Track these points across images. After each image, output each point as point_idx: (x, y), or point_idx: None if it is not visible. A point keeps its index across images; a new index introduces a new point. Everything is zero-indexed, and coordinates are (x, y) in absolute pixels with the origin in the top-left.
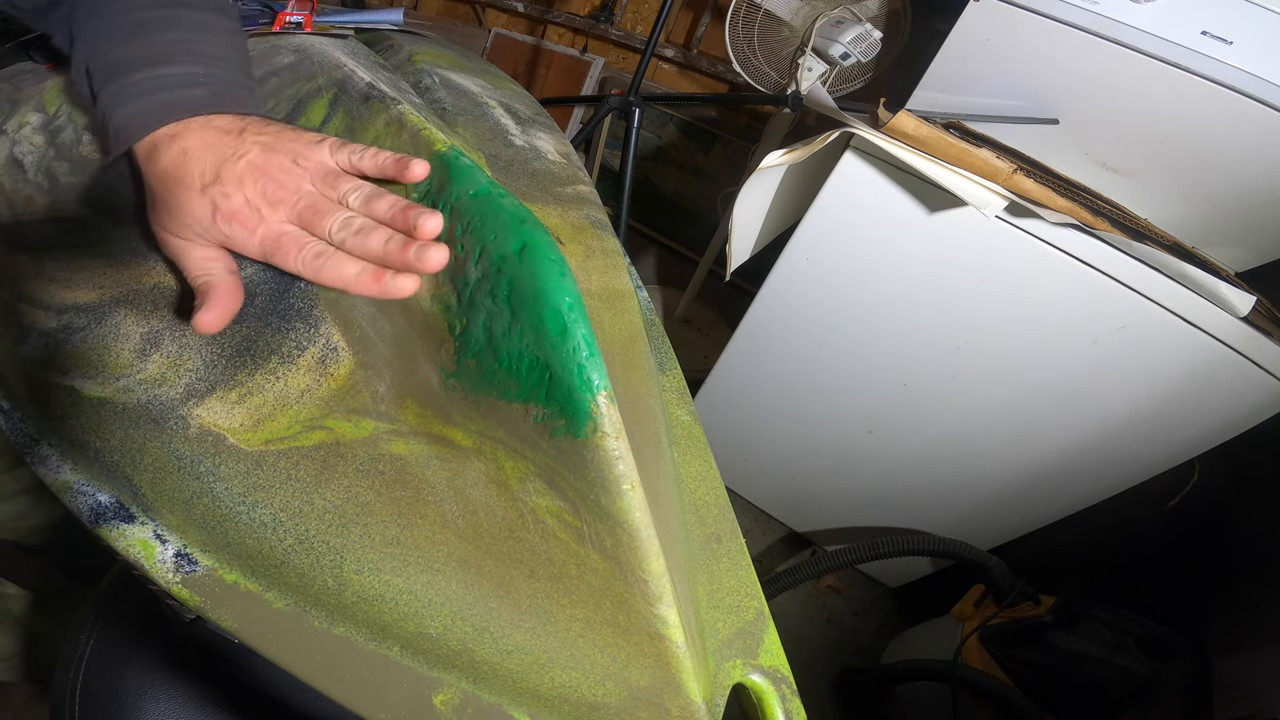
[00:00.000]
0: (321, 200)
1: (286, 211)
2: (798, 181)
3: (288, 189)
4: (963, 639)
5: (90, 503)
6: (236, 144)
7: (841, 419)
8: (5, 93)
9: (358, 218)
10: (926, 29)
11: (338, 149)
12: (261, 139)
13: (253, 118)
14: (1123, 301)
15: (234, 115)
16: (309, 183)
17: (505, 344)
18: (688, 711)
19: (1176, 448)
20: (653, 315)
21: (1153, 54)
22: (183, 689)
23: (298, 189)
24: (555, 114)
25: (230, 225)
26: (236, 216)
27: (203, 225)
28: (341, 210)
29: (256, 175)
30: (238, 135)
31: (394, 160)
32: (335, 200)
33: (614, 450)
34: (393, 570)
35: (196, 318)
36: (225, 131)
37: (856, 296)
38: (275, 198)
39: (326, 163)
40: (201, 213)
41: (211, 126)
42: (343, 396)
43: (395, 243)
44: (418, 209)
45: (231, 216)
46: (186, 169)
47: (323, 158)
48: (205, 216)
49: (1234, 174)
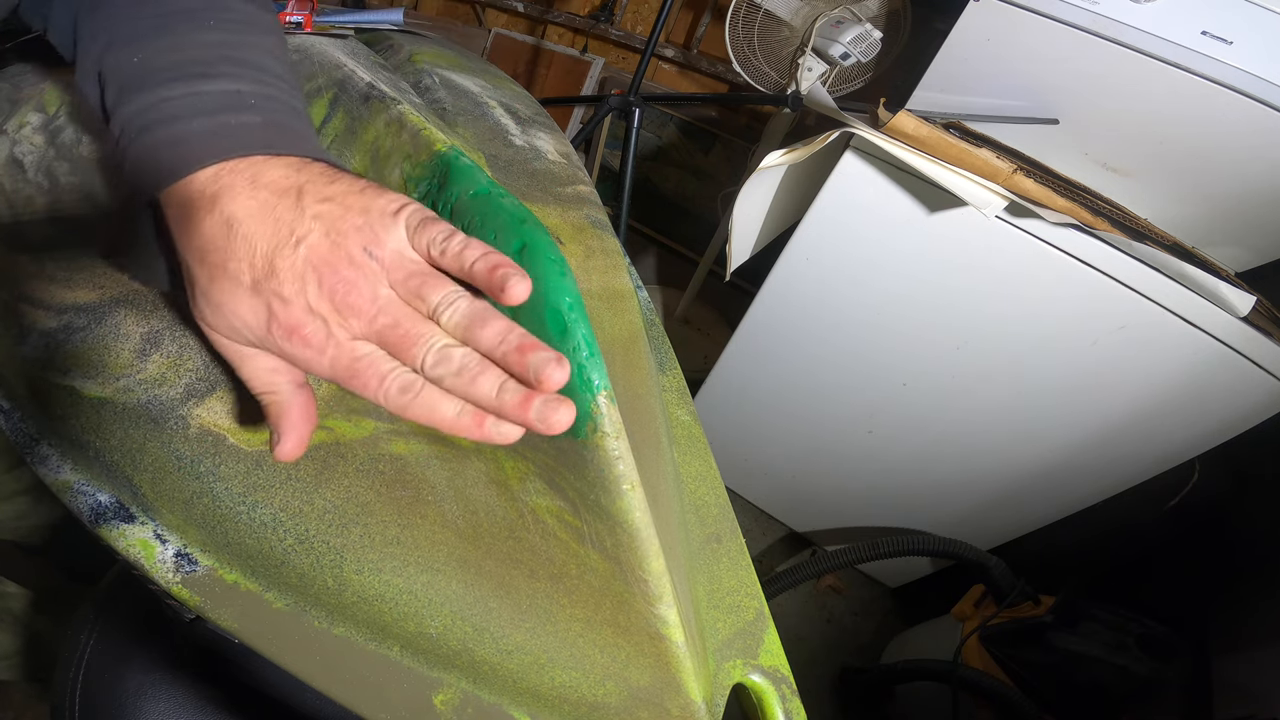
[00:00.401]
0: (408, 317)
1: (362, 325)
2: (798, 181)
3: (363, 295)
4: (963, 639)
5: (90, 503)
6: (294, 217)
7: (841, 419)
8: (5, 93)
9: (456, 349)
10: (926, 29)
11: (417, 228)
12: (325, 209)
13: (315, 166)
14: (1123, 301)
15: (290, 162)
16: (386, 283)
17: None
18: (688, 711)
19: (1176, 448)
20: (653, 315)
21: (1153, 54)
22: (183, 689)
23: (375, 296)
24: (555, 114)
25: (291, 342)
26: (298, 331)
27: (257, 335)
28: (434, 332)
29: (321, 272)
30: (295, 200)
31: (488, 267)
32: (425, 314)
33: (614, 450)
34: (393, 570)
35: (277, 450)
36: (280, 193)
37: (856, 296)
38: (347, 306)
39: (406, 253)
40: (255, 320)
41: (262, 184)
42: (343, 396)
43: (511, 396)
44: (536, 347)
45: (292, 330)
46: (232, 252)
47: (400, 246)
48: (259, 325)
49: (1234, 174)
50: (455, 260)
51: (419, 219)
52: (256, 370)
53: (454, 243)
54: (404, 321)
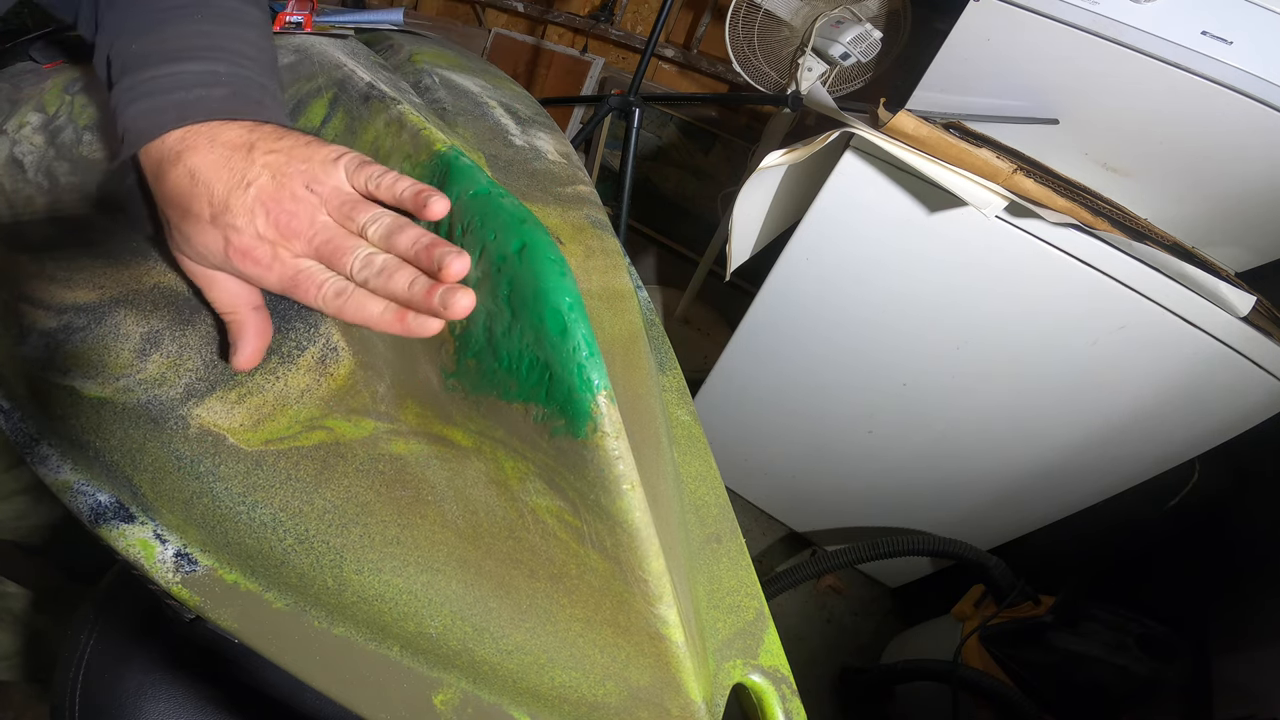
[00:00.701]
0: (339, 234)
1: (302, 245)
2: (798, 181)
3: (302, 220)
4: (963, 639)
5: (90, 503)
6: (245, 165)
7: (842, 419)
8: (5, 93)
9: (379, 255)
10: (926, 29)
11: (355, 169)
12: (272, 159)
13: (265, 127)
14: (1123, 301)
15: (245, 125)
16: (324, 212)
17: (505, 344)
18: (688, 711)
19: (1176, 448)
20: (653, 315)
21: (1153, 54)
22: (183, 689)
23: (312, 220)
24: (555, 114)
25: (244, 262)
26: (249, 253)
27: (217, 258)
28: (362, 245)
29: (268, 206)
30: (246, 153)
31: (413, 193)
32: (355, 232)
33: (614, 450)
34: (393, 570)
35: (233, 359)
36: (234, 148)
37: (857, 296)
38: (289, 230)
39: (342, 188)
40: (215, 246)
41: (219, 141)
42: (343, 396)
43: (419, 286)
44: (443, 246)
45: (244, 253)
46: (194, 195)
47: (338, 182)
48: (218, 250)
49: (1234, 174)
50: (388, 192)
51: (357, 163)
52: (222, 293)
53: (387, 178)
54: (336, 237)
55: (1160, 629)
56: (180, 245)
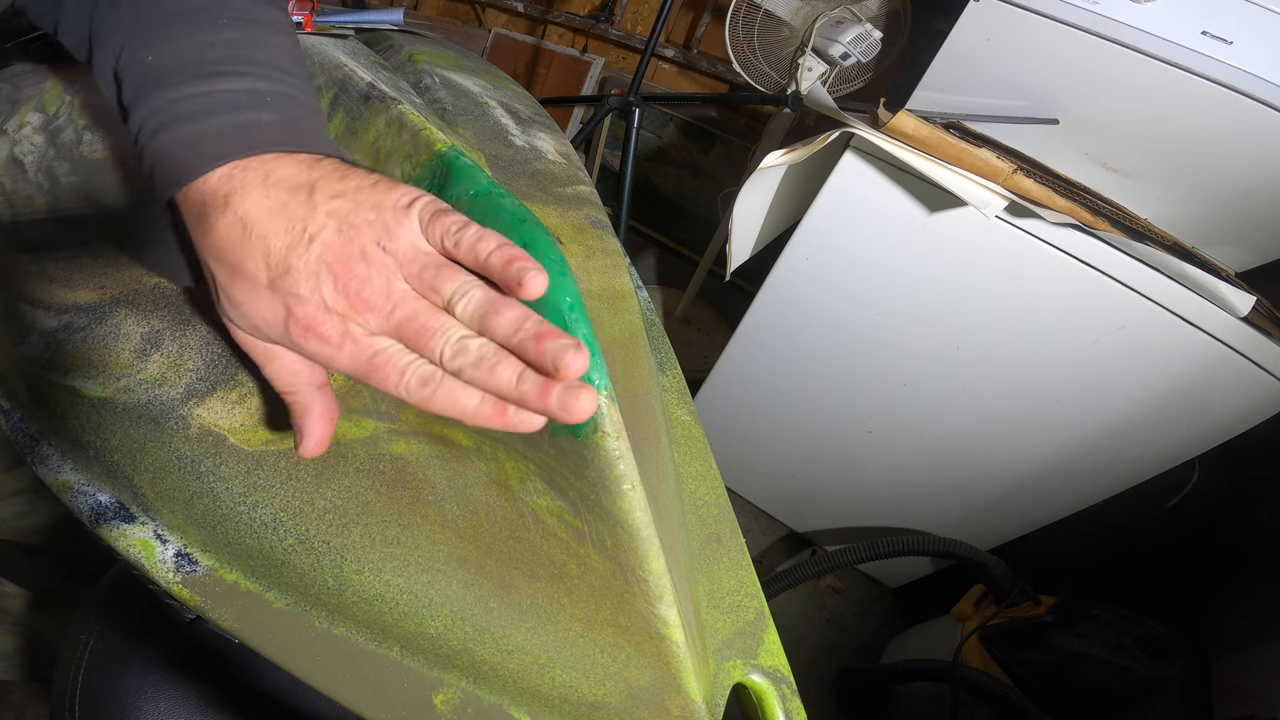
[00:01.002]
0: (423, 310)
1: (378, 320)
2: (798, 181)
3: (377, 289)
4: (963, 639)
5: (90, 502)
6: (307, 214)
7: (841, 419)
8: (5, 93)
9: (473, 340)
10: (926, 29)
11: (430, 220)
12: (338, 205)
13: (326, 163)
14: (1123, 301)
15: (302, 160)
16: (401, 277)
17: None
18: (688, 711)
19: (1176, 448)
20: (653, 315)
21: (1153, 54)
22: (183, 689)
23: (389, 291)
24: (555, 114)
25: (309, 339)
26: (316, 329)
27: (276, 331)
28: (451, 325)
29: (335, 269)
30: (308, 196)
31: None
32: (439, 305)
33: (614, 450)
34: (393, 570)
35: (301, 448)
36: (292, 190)
37: (856, 296)
38: (362, 302)
39: (420, 246)
40: (274, 316)
41: (274, 181)
42: (343, 396)
43: (531, 385)
44: (554, 334)
45: (309, 328)
46: (248, 252)
47: (413, 238)
48: (277, 322)
49: (1234, 174)
50: (469, 253)
51: (431, 211)
52: (281, 370)
53: (468, 234)
54: (420, 315)
55: (1160, 629)
56: (230, 313)
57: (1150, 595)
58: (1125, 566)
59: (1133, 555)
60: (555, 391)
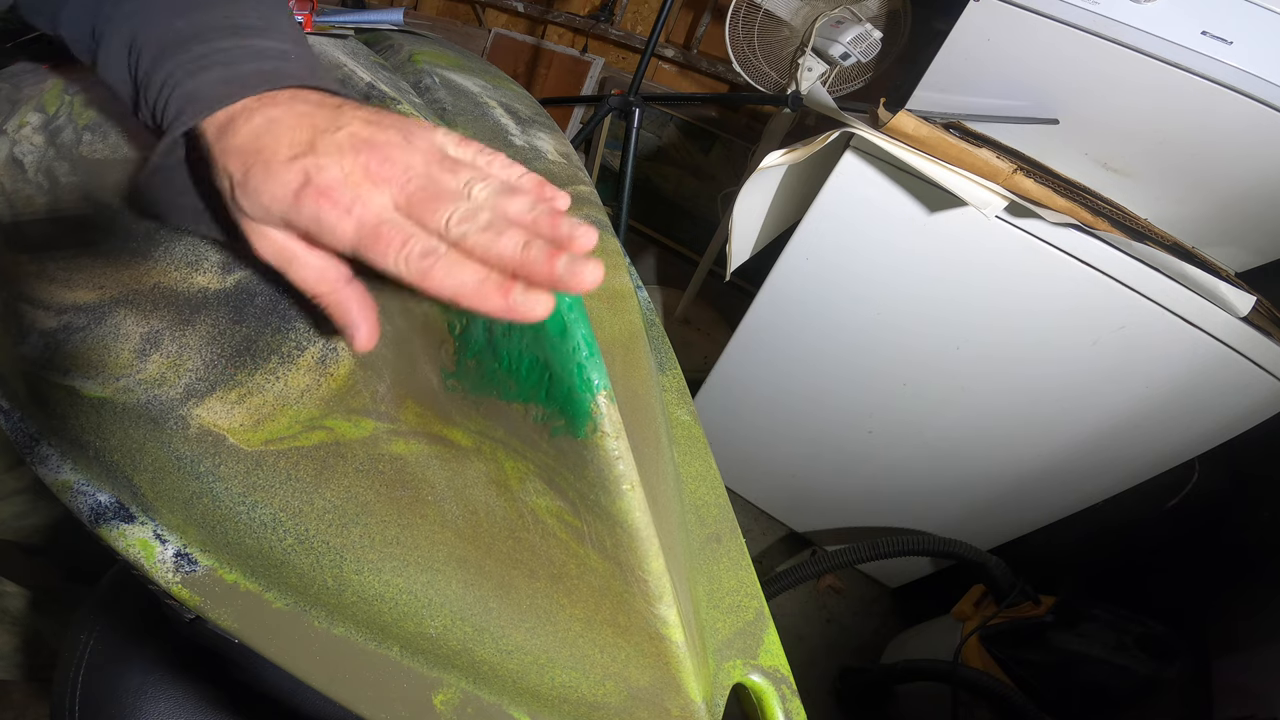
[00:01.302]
0: (438, 182)
1: (393, 192)
2: (798, 181)
3: (396, 164)
4: (963, 639)
5: (90, 502)
6: (335, 116)
7: (841, 419)
8: (5, 93)
9: (485, 211)
10: (926, 29)
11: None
12: (364, 113)
13: (350, 98)
14: (1123, 301)
15: (327, 93)
16: (422, 162)
17: (505, 344)
18: (688, 711)
19: (1176, 448)
20: (653, 315)
21: (1153, 54)
22: (183, 689)
23: (407, 165)
24: (555, 114)
25: (320, 202)
26: (329, 193)
27: (284, 204)
28: (464, 200)
29: (360, 147)
30: (335, 109)
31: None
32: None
33: (614, 450)
34: (393, 570)
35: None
36: (320, 105)
37: (857, 296)
38: (380, 175)
39: (444, 146)
40: (284, 188)
41: (301, 98)
42: (343, 396)
43: (539, 251)
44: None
45: (323, 192)
46: (274, 137)
47: (439, 140)
48: (288, 193)
49: (1234, 174)
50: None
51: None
52: (306, 270)
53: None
54: (434, 184)
55: (1160, 629)
56: (242, 202)
57: (1150, 595)
58: (1125, 566)
59: (1133, 555)
60: (562, 260)
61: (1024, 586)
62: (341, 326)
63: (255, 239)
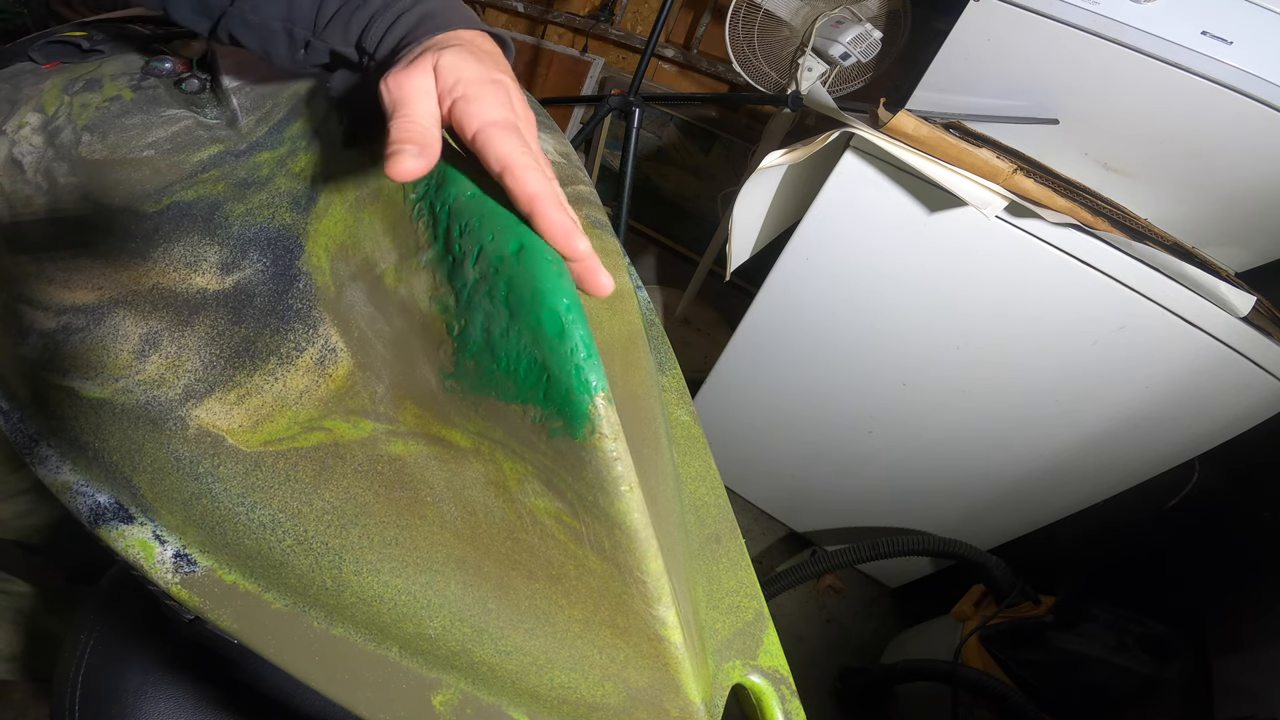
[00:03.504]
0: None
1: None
2: (798, 181)
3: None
4: (963, 639)
5: (89, 503)
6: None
7: (841, 419)
8: (5, 93)
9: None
10: (926, 29)
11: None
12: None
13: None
14: (1123, 301)
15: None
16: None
17: (503, 345)
18: (687, 712)
19: (1176, 448)
20: (653, 315)
21: (1153, 54)
22: (183, 689)
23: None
24: (555, 114)
25: (504, 89)
26: (515, 89)
27: (477, 75)
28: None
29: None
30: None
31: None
32: None
33: (612, 451)
34: (392, 571)
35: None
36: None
37: (856, 296)
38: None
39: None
40: (485, 70)
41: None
42: (341, 397)
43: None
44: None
45: (511, 88)
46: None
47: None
48: (486, 74)
49: (1234, 174)
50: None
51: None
52: (428, 105)
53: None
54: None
55: (1160, 629)
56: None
57: (1150, 595)
58: (1125, 566)
59: (1133, 555)
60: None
61: (1024, 586)
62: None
63: (415, 69)
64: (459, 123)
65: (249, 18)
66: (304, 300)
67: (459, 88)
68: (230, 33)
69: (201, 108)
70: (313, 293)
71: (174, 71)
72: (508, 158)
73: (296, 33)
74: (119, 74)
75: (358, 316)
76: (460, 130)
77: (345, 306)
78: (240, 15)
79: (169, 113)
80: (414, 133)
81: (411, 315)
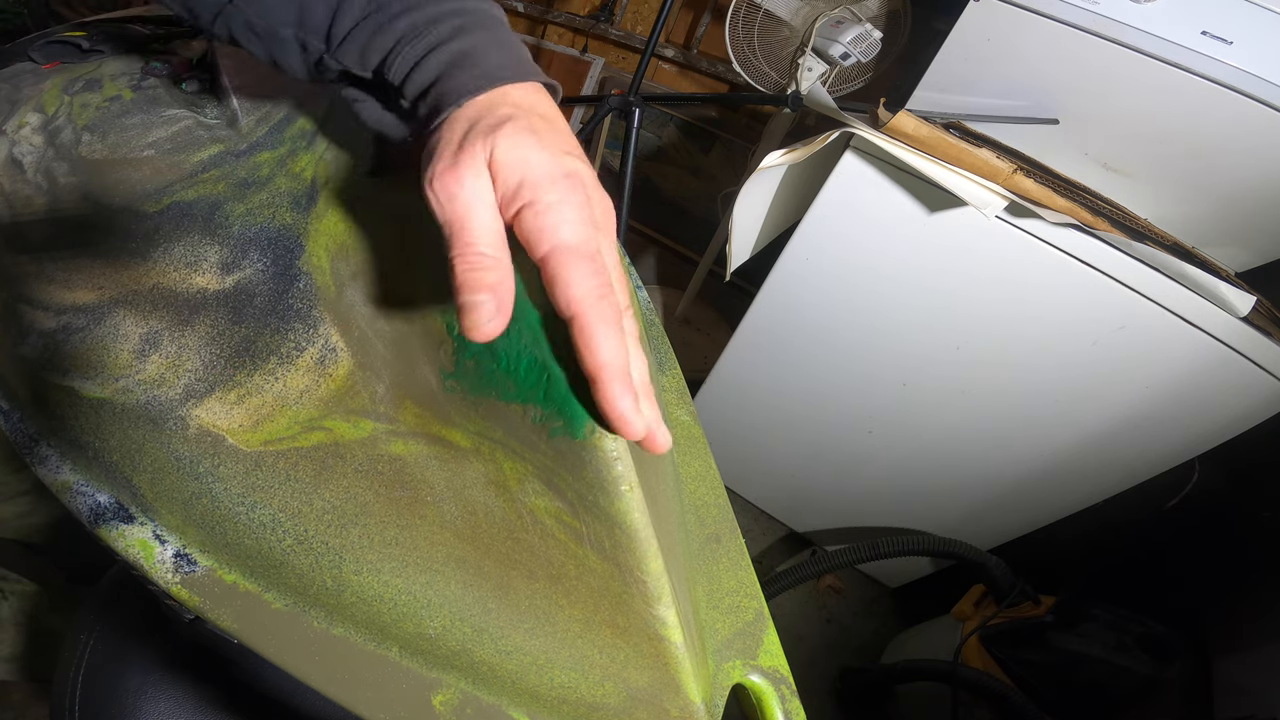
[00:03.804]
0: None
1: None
2: (798, 181)
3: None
4: (963, 639)
5: (90, 503)
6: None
7: (841, 419)
8: (5, 93)
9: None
10: (926, 29)
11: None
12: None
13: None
14: (1123, 301)
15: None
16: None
17: (504, 344)
18: (687, 712)
19: (1176, 448)
20: (653, 315)
21: (1153, 54)
22: (183, 689)
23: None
24: None
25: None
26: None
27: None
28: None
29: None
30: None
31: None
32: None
33: (612, 451)
34: (392, 571)
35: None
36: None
37: (856, 296)
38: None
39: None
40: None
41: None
42: (341, 397)
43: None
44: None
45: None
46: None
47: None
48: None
49: (1234, 174)
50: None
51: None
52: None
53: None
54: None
55: (1160, 629)
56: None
57: (1150, 595)
58: (1125, 566)
59: (1133, 555)
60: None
61: (1024, 586)
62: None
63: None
64: (525, 239)
65: (254, 22)
66: (304, 300)
67: (524, 192)
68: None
69: (201, 107)
70: (313, 292)
71: (174, 71)
72: (580, 304)
73: (310, 44)
74: (119, 74)
75: (358, 316)
76: (527, 247)
77: (345, 306)
78: (242, 16)
79: (169, 113)
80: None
81: (412, 315)
